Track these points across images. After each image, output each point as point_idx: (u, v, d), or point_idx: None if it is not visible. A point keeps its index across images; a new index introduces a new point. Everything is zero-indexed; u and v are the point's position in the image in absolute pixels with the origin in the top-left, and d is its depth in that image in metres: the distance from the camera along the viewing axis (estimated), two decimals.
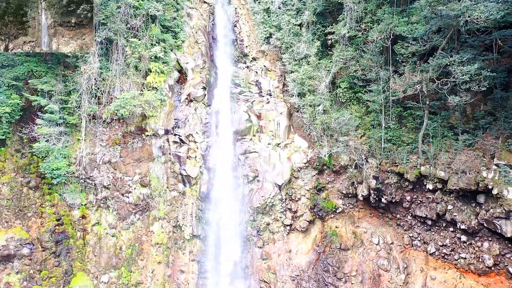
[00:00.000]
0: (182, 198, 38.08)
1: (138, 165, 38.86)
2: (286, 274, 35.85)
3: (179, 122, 38.04)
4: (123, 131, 38.45)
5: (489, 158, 29.58)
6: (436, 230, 34.04)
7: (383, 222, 36.72)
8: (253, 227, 36.81)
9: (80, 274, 38.50)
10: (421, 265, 34.83)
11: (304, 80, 35.95)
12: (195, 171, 37.40)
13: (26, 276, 36.91)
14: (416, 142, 32.53)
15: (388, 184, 34.27)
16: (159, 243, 38.08)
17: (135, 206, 38.70)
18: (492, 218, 29.80)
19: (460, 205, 31.72)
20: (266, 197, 36.19)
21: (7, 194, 37.26)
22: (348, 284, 34.77)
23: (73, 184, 38.85)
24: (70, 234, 38.99)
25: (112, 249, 38.71)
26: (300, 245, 36.72)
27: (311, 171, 36.73)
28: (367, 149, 34.72)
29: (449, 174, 30.92)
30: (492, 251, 31.03)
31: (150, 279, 37.76)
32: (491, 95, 29.37)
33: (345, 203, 36.81)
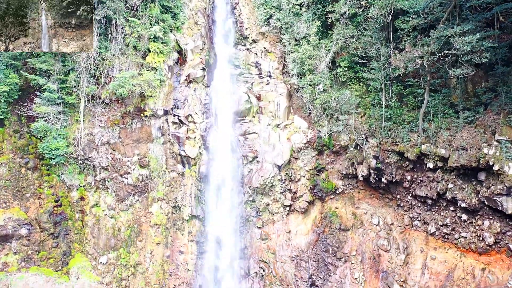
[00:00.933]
0: (181, 179, 37.91)
1: (137, 146, 38.66)
2: (285, 255, 35.68)
3: (178, 103, 37.84)
4: (122, 112, 38.25)
5: (490, 134, 29.40)
6: (437, 209, 33.86)
7: (383, 203, 36.55)
8: (252, 208, 36.64)
9: (78, 256, 38.35)
10: (421, 245, 34.67)
11: (304, 60, 35.75)
12: (194, 151, 37.21)
13: (24, 256, 36.77)
14: (417, 120, 32.33)
15: (388, 164, 34.08)
16: (158, 224, 37.90)
17: (134, 187, 38.50)
18: (493, 195, 29.61)
19: (461, 183, 31.53)
20: (265, 178, 36.01)
21: (5, 174, 37.09)
22: (348, 264, 34.61)
23: (72, 165, 38.64)
24: (69, 215, 38.81)
25: (111, 231, 38.52)
26: (299, 226, 36.55)
27: (311, 151, 36.54)
28: (367, 128, 34.54)
29: (449, 151, 30.74)
30: (492, 229, 30.86)
31: (148, 260, 37.58)
32: (492, 70, 29.17)
33: (345, 184, 36.63)
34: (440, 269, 33.20)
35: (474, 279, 31.21)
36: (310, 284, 34.78)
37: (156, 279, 37.24)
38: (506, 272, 30.13)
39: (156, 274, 37.39)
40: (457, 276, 31.99)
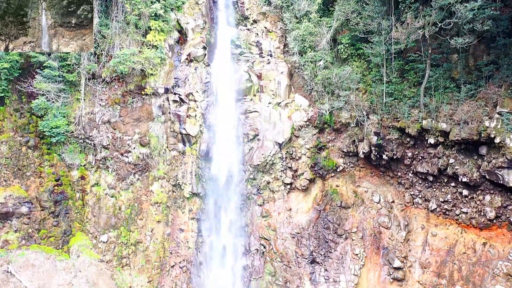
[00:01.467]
0: (181, 157, 37.88)
1: (138, 124, 38.62)
2: (286, 232, 35.66)
3: (179, 81, 37.78)
4: (122, 91, 38.21)
5: (492, 107, 29.35)
6: (438, 186, 33.83)
7: (384, 181, 36.51)
8: (253, 186, 36.62)
9: (79, 234, 38.32)
10: (422, 222, 34.67)
11: (305, 37, 35.69)
12: (195, 129, 37.17)
13: (24, 234, 36.71)
14: (418, 96, 32.27)
15: (389, 140, 34.03)
16: (159, 202, 37.88)
17: (134, 166, 38.46)
18: (494, 169, 29.59)
19: (462, 158, 31.50)
20: (266, 155, 35.96)
21: (6, 152, 37.02)
22: (348, 241, 34.60)
23: (72, 144, 38.60)
24: (69, 195, 38.77)
25: (111, 210, 38.50)
26: (300, 204, 36.52)
27: (312, 129, 36.49)
28: (368, 105, 34.49)
29: (451, 125, 30.69)
30: (494, 203, 30.84)
31: (149, 238, 37.57)
32: (494, 43, 29.12)
33: (345, 162, 36.59)
34: (441, 245, 33.20)
35: (475, 254, 31.21)
36: (311, 261, 34.76)
37: (157, 257, 37.23)
38: (507, 246, 30.13)
39: (157, 252, 37.38)
40: (458, 251, 31.99)
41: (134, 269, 37.05)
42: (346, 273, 33.43)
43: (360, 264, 33.74)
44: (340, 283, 33.04)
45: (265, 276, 35.12)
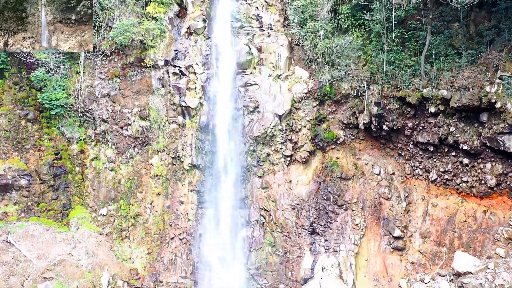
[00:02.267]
0: (181, 130, 37.79)
1: (137, 97, 38.52)
2: (286, 203, 35.58)
3: (179, 54, 37.69)
4: (122, 63, 38.12)
5: (493, 72, 29.25)
6: (438, 156, 33.75)
7: (384, 153, 36.43)
8: (253, 158, 36.52)
9: (78, 208, 38.25)
10: (422, 193, 34.61)
11: (305, 8, 35.60)
12: (195, 102, 37.08)
13: (24, 207, 36.65)
14: (419, 64, 32.17)
15: (389, 110, 33.93)
16: (158, 175, 37.79)
17: (134, 140, 38.37)
18: (495, 135, 29.49)
19: (463, 126, 31.43)
20: (266, 127, 35.87)
21: (5, 125, 36.93)
22: (349, 211, 34.54)
23: (72, 118, 38.53)
24: (69, 169, 38.68)
25: (111, 183, 38.42)
26: (300, 176, 36.44)
27: (312, 101, 36.37)
28: (369, 75, 34.40)
29: (451, 92, 30.60)
30: (494, 171, 30.78)
31: (149, 211, 37.50)
32: (495, 7, 29.01)
33: (346, 134, 36.50)
34: (441, 215, 33.14)
35: (475, 221, 31.16)
36: (311, 231, 34.70)
37: (156, 229, 37.17)
38: (507, 213, 30.06)
39: (156, 224, 37.32)
40: (458, 220, 31.94)
41: (133, 242, 37.00)
42: (346, 243, 33.37)
43: (361, 234, 33.67)
44: (340, 252, 32.98)
45: (265, 247, 35.07)
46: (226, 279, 35.10)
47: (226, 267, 35.27)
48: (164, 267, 35.64)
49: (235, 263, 35.33)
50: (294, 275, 33.86)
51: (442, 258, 31.31)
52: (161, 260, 36.04)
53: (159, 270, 35.61)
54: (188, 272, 35.47)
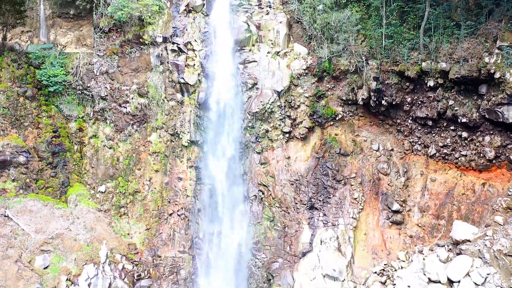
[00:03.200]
0: (180, 107, 37.73)
1: (136, 75, 38.45)
2: (285, 178, 35.56)
3: (178, 31, 37.62)
4: (121, 40, 38.08)
5: (492, 42, 29.21)
6: (437, 131, 33.70)
7: (383, 129, 36.38)
8: (251, 134, 36.46)
9: (77, 185, 38.21)
10: (421, 169, 34.56)
11: None
12: (193, 78, 37.02)
13: (22, 184, 36.58)
14: (418, 37, 32.11)
15: (388, 85, 33.86)
16: (157, 152, 37.77)
17: (132, 117, 38.33)
18: (494, 106, 29.45)
19: (462, 99, 31.38)
20: (265, 103, 35.81)
21: (4, 102, 36.84)
22: (347, 186, 34.49)
23: (70, 95, 38.52)
24: (67, 147, 38.65)
25: (109, 161, 38.39)
26: (299, 153, 36.39)
27: (311, 78, 36.30)
28: (368, 50, 34.34)
29: (450, 64, 30.55)
30: (493, 143, 30.76)
31: (147, 187, 37.46)
32: None
33: (345, 111, 36.45)
34: (440, 189, 33.12)
35: (474, 194, 31.13)
36: (310, 206, 34.66)
37: (155, 205, 37.14)
38: (506, 185, 30.02)
39: (155, 201, 37.27)
40: (457, 193, 31.92)
41: (132, 218, 36.98)
42: (345, 217, 33.33)
43: (359, 208, 33.63)
44: (339, 226, 32.93)
45: (263, 222, 35.03)
46: (225, 254, 35.09)
47: (225, 242, 35.23)
48: (163, 242, 35.63)
49: (233, 238, 35.28)
50: (292, 249, 33.84)
51: (440, 231, 31.28)
52: (160, 236, 36.02)
53: (157, 245, 35.59)
54: (186, 247, 35.43)
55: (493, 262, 23.86)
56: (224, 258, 35.17)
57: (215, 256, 35.23)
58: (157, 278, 34.03)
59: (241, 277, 35.03)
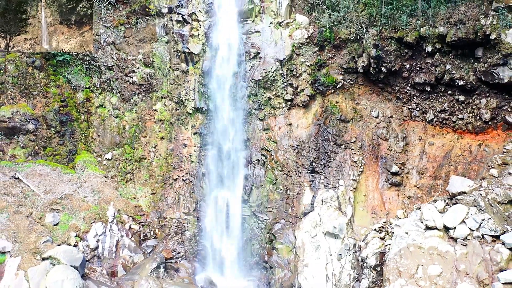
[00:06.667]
0: (185, 76, 38.70)
1: (142, 45, 39.44)
2: (287, 144, 36.52)
3: (182, 2, 38.57)
4: (127, 11, 39.07)
5: (488, 5, 30.10)
6: (435, 97, 34.60)
7: (382, 97, 37.29)
8: (254, 101, 37.42)
9: (84, 153, 39.21)
10: (419, 134, 35.47)
11: None
12: (198, 48, 37.98)
13: (31, 151, 37.56)
14: (416, 4, 33.06)
15: (388, 52, 34.77)
16: (162, 120, 38.74)
17: (138, 87, 39.33)
18: (490, 68, 30.33)
19: (459, 62, 32.27)
20: (267, 71, 36.76)
21: (13, 71, 37.81)
22: (347, 150, 35.42)
23: (78, 66, 39.48)
24: (74, 117, 39.64)
25: (116, 129, 39.39)
26: (300, 120, 37.35)
27: (312, 47, 37.23)
28: (368, 18, 35.25)
29: (448, 28, 31.45)
30: (489, 105, 31.65)
31: (153, 154, 38.44)
32: None
33: (345, 79, 37.35)
34: (438, 153, 34.04)
35: (470, 154, 32.05)
36: (311, 170, 35.60)
37: (160, 171, 38.13)
38: (502, 144, 30.90)
39: (160, 167, 38.26)
40: (454, 154, 32.85)
41: (138, 183, 37.98)
42: (345, 179, 34.28)
43: (359, 170, 34.58)
44: (340, 187, 33.88)
45: (266, 185, 36.03)
46: (228, 216, 36.09)
47: (229, 205, 36.22)
48: (168, 206, 36.64)
49: (236, 200, 36.27)
50: (294, 211, 34.82)
51: (438, 190, 32.23)
52: (165, 200, 37.03)
53: (163, 208, 36.60)
54: (191, 209, 36.45)
55: (488, 209, 24.77)
56: (227, 220, 36.16)
57: (219, 218, 36.21)
58: (163, 238, 35.06)
59: (244, 238, 36.07)
